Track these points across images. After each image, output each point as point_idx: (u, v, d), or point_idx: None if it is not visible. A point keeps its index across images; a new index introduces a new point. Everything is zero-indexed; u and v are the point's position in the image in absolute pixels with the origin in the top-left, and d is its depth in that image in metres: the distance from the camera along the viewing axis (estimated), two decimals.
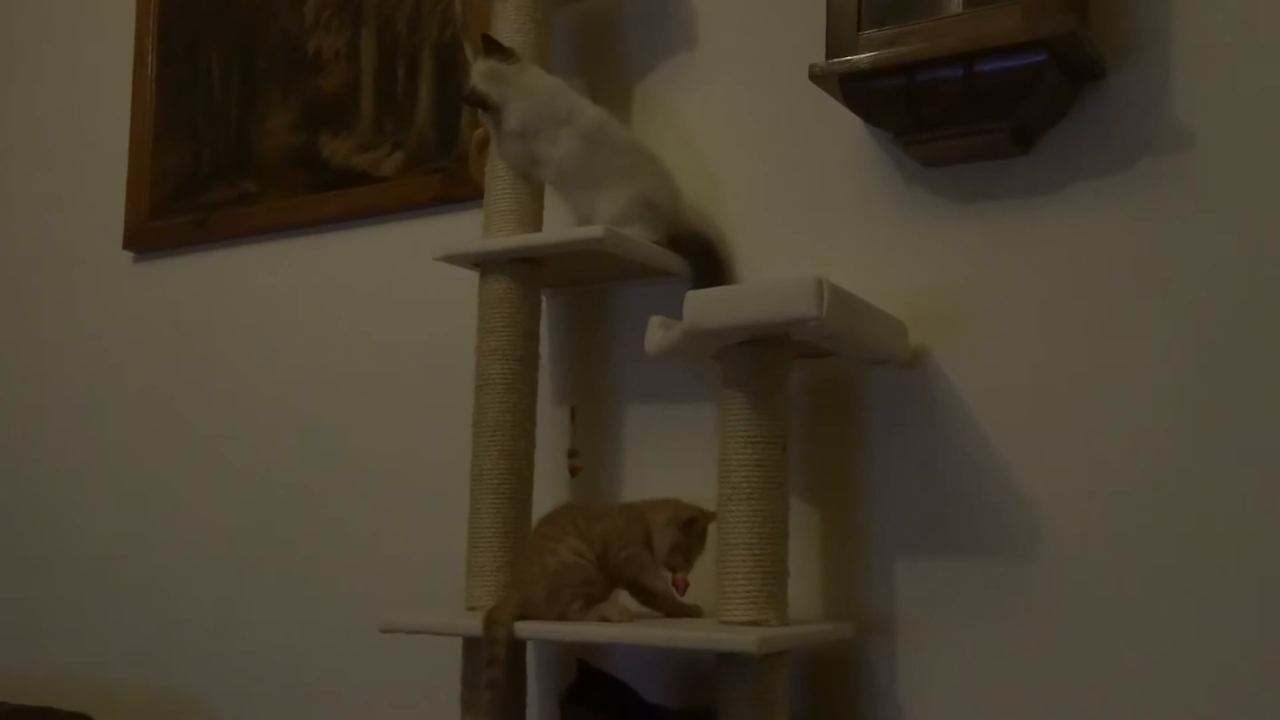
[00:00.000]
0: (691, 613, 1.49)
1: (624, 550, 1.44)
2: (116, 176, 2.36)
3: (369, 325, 2.02)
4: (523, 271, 1.63)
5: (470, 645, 1.51)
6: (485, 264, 1.64)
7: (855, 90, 1.47)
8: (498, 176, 1.66)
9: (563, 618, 1.41)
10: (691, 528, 1.45)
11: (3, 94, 2.62)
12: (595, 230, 1.52)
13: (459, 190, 1.90)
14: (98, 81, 2.44)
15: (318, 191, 2.08)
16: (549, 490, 1.70)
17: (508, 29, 1.68)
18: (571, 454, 1.73)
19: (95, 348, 2.36)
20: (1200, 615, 1.34)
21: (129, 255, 2.34)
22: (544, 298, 1.76)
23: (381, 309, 2.01)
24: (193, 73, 2.28)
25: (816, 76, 1.48)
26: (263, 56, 2.19)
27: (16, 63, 2.60)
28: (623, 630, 1.36)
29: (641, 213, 1.58)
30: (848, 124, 1.59)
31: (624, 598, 1.49)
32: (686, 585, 1.49)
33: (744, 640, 1.27)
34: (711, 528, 1.45)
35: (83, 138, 2.45)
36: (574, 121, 1.59)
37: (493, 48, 1.61)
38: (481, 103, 1.60)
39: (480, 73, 1.60)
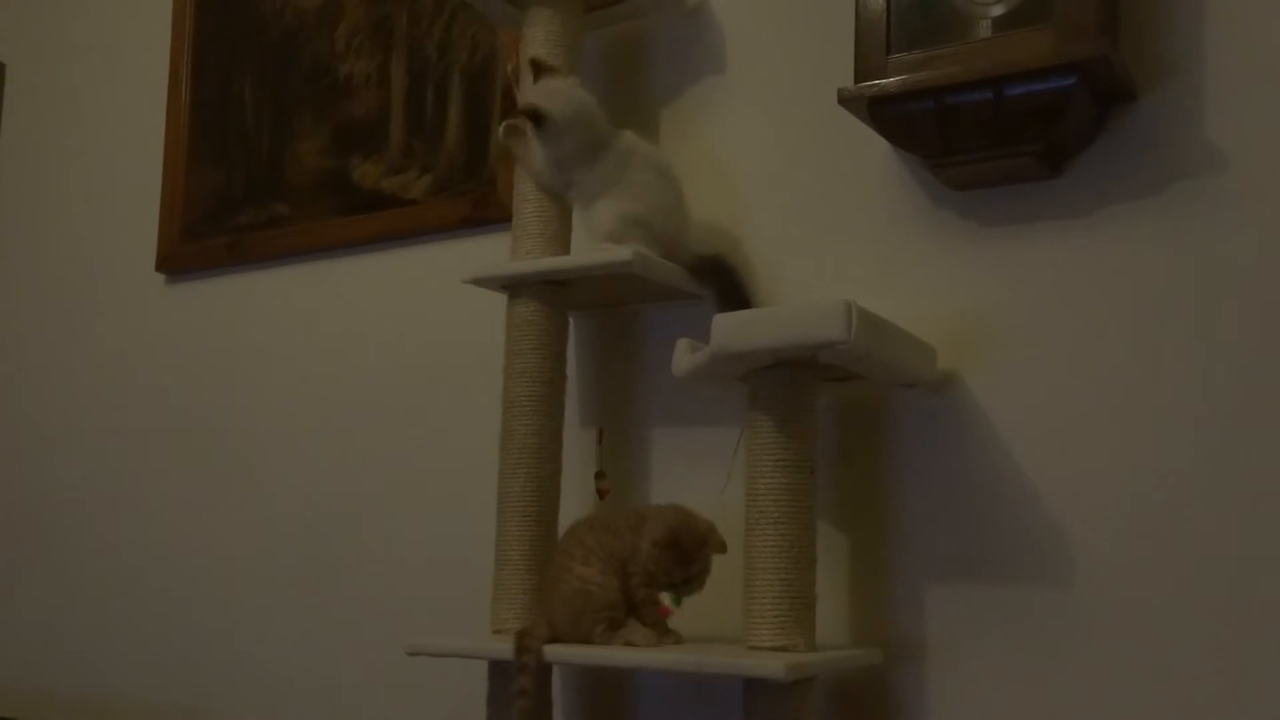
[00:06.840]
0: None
1: (642, 589, 1.42)
2: (150, 199, 2.39)
3: (397, 347, 2.03)
4: (551, 294, 1.63)
5: (497, 669, 1.50)
6: (513, 286, 1.64)
7: (884, 114, 1.47)
8: (526, 199, 1.67)
9: (587, 642, 1.41)
10: (673, 550, 1.39)
11: (39, 117, 2.66)
12: (624, 253, 1.52)
13: (487, 213, 1.92)
14: (132, 105, 2.47)
15: (348, 214, 2.09)
16: (576, 513, 1.69)
17: (537, 53, 1.68)
18: (599, 476, 1.72)
19: (128, 368, 2.38)
20: (1237, 642, 1.32)
21: (162, 277, 2.36)
22: (571, 320, 1.76)
23: (410, 331, 2.01)
24: (226, 97, 2.31)
25: (845, 100, 1.48)
26: (295, 81, 2.21)
27: (52, 86, 2.64)
28: (649, 655, 1.36)
29: (630, 230, 1.56)
30: (876, 147, 1.58)
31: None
32: (668, 614, 1.45)
33: (772, 666, 1.26)
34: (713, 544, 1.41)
35: (117, 161, 2.48)
36: (613, 144, 1.60)
37: (543, 69, 1.62)
38: (539, 117, 1.56)
39: (544, 90, 1.59)
